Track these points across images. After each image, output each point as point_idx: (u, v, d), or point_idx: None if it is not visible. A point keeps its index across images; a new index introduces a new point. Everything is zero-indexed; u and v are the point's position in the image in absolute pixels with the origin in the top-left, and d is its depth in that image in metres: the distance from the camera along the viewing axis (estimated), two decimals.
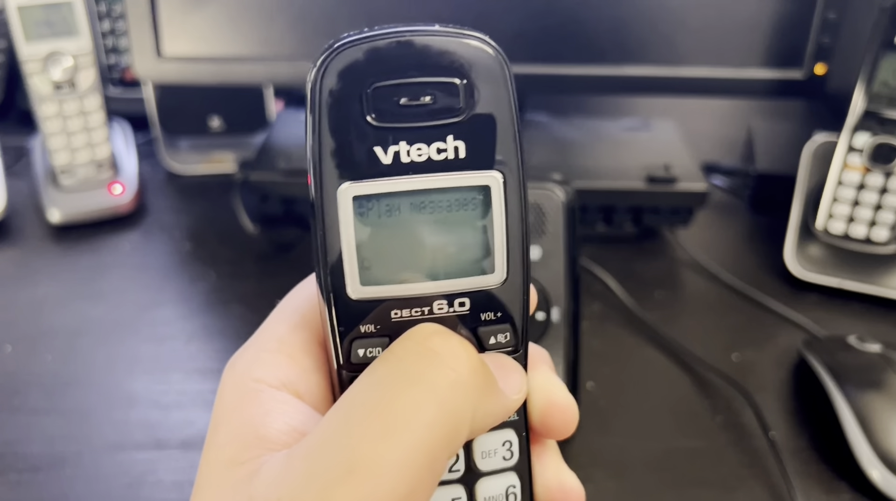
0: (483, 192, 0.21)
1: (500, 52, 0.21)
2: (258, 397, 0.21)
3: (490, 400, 0.21)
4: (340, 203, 0.21)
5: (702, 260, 0.64)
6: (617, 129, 0.74)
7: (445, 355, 0.20)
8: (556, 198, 0.44)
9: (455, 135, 0.21)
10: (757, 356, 0.54)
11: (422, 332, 0.21)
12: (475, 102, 0.21)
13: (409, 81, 0.20)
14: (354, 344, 0.22)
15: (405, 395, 0.19)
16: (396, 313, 0.22)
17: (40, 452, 0.45)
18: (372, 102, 0.20)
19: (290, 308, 0.24)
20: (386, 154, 0.20)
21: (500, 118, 0.21)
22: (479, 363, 0.21)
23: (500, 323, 0.22)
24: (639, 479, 0.44)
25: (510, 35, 0.63)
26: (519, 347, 0.23)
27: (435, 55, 0.20)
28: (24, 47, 0.62)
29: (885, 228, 0.58)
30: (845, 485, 0.44)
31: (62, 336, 0.54)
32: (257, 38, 0.64)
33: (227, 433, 0.21)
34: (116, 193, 0.68)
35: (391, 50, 0.20)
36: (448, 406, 0.19)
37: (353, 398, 0.20)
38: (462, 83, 0.20)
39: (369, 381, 0.20)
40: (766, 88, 0.65)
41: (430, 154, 0.21)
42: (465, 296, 0.22)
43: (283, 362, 0.22)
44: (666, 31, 0.63)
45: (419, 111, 0.20)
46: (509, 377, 0.22)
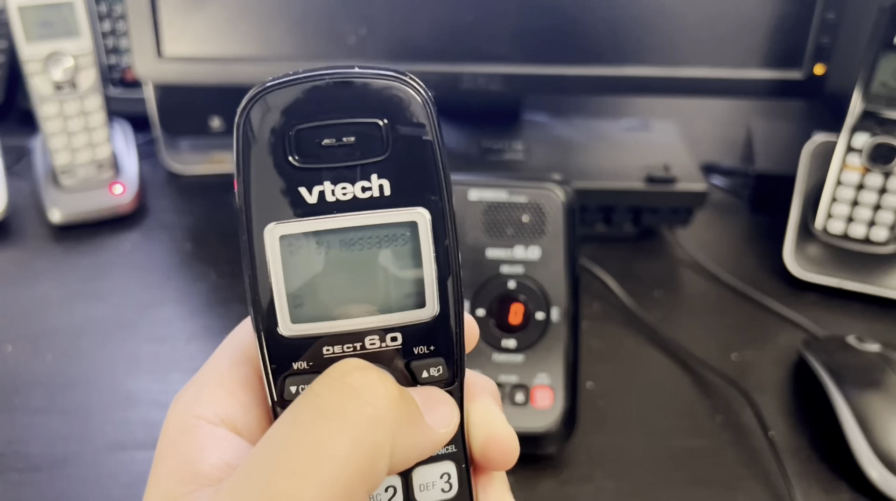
0: (410, 228, 0.21)
1: (422, 89, 0.21)
2: (196, 433, 0.22)
3: (412, 433, 0.21)
4: (268, 243, 0.21)
5: (701, 260, 0.64)
6: (617, 129, 0.74)
7: (362, 389, 0.21)
8: (556, 198, 0.45)
9: (379, 173, 0.21)
10: (756, 356, 0.54)
11: (341, 368, 0.21)
12: (398, 141, 0.21)
13: (330, 123, 0.21)
14: (287, 381, 0.22)
15: (321, 431, 0.20)
16: (328, 349, 0.22)
17: (41, 451, 0.45)
18: (295, 144, 0.21)
19: (233, 344, 0.24)
20: (311, 194, 0.21)
21: (424, 155, 0.21)
22: (399, 396, 0.21)
23: (432, 357, 0.23)
24: (638, 479, 0.44)
25: (510, 35, 0.63)
26: (454, 380, 0.23)
27: (355, 96, 0.21)
28: (24, 48, 0.62)
29: (884, 228, 0.58)
30: (844, 485, 0.44)
31: (63, 336, 0.54)
32: (257, 38, 0.64)
33: (165, 468, 0.22)
34: (117, 193, 0.68)
35: (312, 93, 0.21)
36: (364, 440, 0.20)
37: (273, 434, 0.20)
38: (384, 123, 0.21)
39: (289, 418, 0.20)
40: (765, 89, 0.65)
41: (356, 193, 0.21)
42: (397, 331, 0.22)
43: (223, 397, 0.23)
44: (665, 31, 0.63)
45: (342, 151, 0.21)
46: (437, 411, 0.22)
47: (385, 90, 0.21)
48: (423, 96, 0.21)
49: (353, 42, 0.64)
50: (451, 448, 0.23)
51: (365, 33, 0.63)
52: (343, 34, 0.63)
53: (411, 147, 0.21)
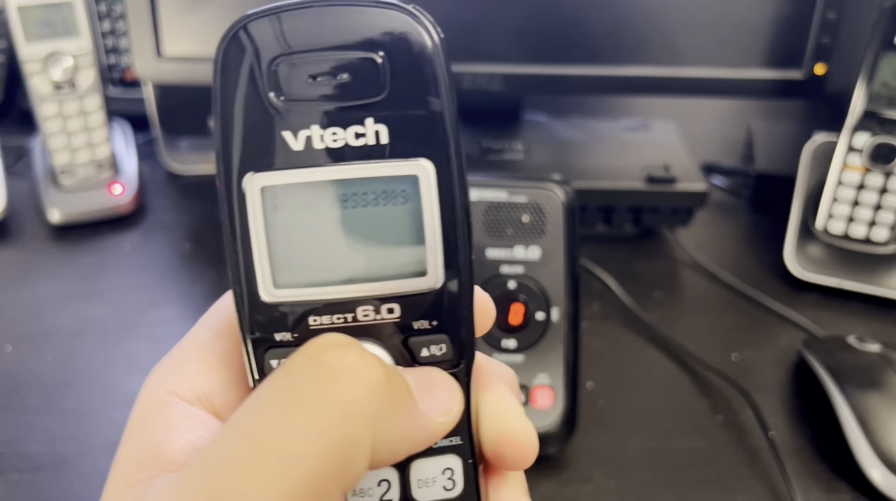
0: (410, 183, 0.19)
1: (429, 23, 0.18)
2: (166, 411, 0.20)
3: (400, 424, 0.18)
4: (248, 195, 0.19)
5: (701, 260, 0.64)
6: (617, 129, 0.74)
7: (339, 371, 0.17)
8: (556, 198, 0.45)
9: (375, 118, 0.18)
10: (756, 356, 0.54)
11: (317, 345, 0.18)
12: (398, 80, 0.18)
13: (317, 55, 0.18)
14: (269, 354, 0.20)
15: (287, 419, 0.17)
16: (315, 319, 0.19)
17: (41, 451, 0.45)
18: (277, 79, 0.18)
19: (216, 313, 0.21)
20: (296, 140, 0.18)
21: (427, 98, 0.18)
22: (385, 379, 0.18)
23: (434, 333, 0.20)
24: (638, 478, 0.44)
25: (510, 35, 0.63)
26: (459, 361, 0.20)
27: (351, 26, 0.18)
28: (24, 47, 0.62)
29: (885, 228, 0.58)
30: (845, 485, 0.44)
31: (62, 336, 0.54)
32: None
33: (128, 451, 0.20)
34: (116, 193, 0.68)
35: (298, 21, 0.18)
36: (337, 433, 0.17)
37: (235, 420, 0.17)
38: (381, 56, 0.18)
39: (254, 401, 0.17)
40: (765, 89, 0.65)
41: (348, 139, 0.18)
42: (395, 301, 0.19)
43: (200, 371, 0.20)
44: (666, 31, 0.63)
45: (333, 90, 0.18)
46: (434, 396, 0.19)
47: (385, 20, 0.18)
48: (429, 30, 0.18)
49: None
50: (454, 439, 0.21)
51: None
52: None
53: (414, 88, 0.18)
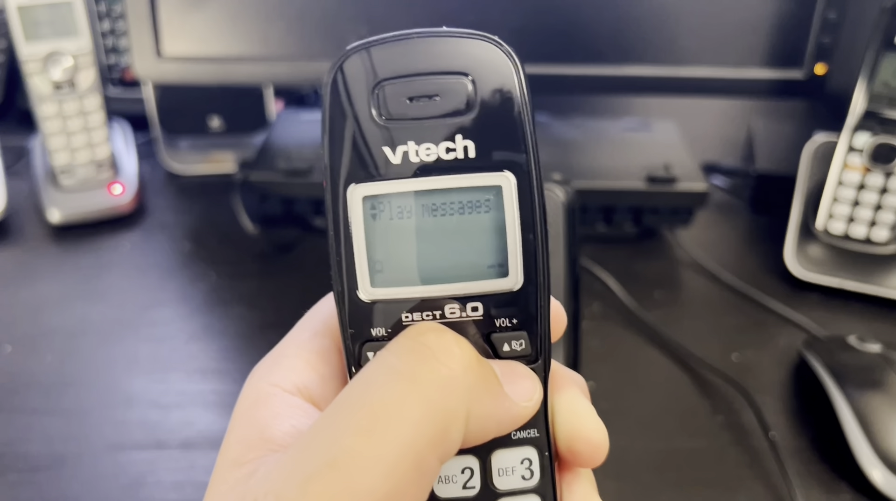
0: (495, 193, 0.21)
1: (510, 51, 0.21)
2: (270, 400, 0.22)
3: (490, 403, 0.20)
4: (351, 204, 0.21)
5: (702, 260, 0.64)
6: (617, 129, 0.74)
7: (437, 350, 0.20)
8: (556, 198, 0.44)
9: (464, 134, 0.21)
10: (757, 356, 0.54)
11: (417, 328, 0.21)
12: (484, 102, 0.21)
13: (415, 78, 0.20)
14: (365, 347, 0.22)
15: (391, 390, 0.19)
16: (407, 316, 0.21)
17: (40, 452, 0.45)
18: (380, 101, 0.20)
19: (314, 316, 0.24)
20: (395, 154, 0.21)
21: (511, 117, 0.21)
22: (477, 361, 0.20)
23: (515, 330, 0.22)
24: (639, 479, 0.44)
25: (510, 35, 0.63)
26: (537, 357, 0.22)
27: (442, 54, 0.21)
28: (23, 47, 0.62)
29: (885, 228, 0.58)
30: (845, 485, 0.44)
31: (62, 336, 0.54)
32: (257, 38, 0.64)
33: (236, 435, 0.22)
34: (116, 193, 0.68)
35: (399, 50, 0.21)
36: (436, 404, 0.19)
37: (344, 394, 0.20)
38: (470, 80, 0.20)
39: (360, 378, 0.20)
40: (766, 88, 0.65)
41: (440, 154, 0.21)
42: (478, 300, 0.21)
43: (301, 367, 0.23)
44: (666, 31, 0.63)
45: (427, 110, 0.20)
46: (518, 383, 0.21)
47: (473, 49, 0.20)
48: (512, 59, 0.21)
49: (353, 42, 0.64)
50: (532, 431, 0.22)
51: (365, 33, 0.63)
52: (343, 34, 0.63)
53: (498, 108, 0.21)
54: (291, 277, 0.61)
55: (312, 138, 0.71)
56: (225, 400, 0.49)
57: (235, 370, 0.52)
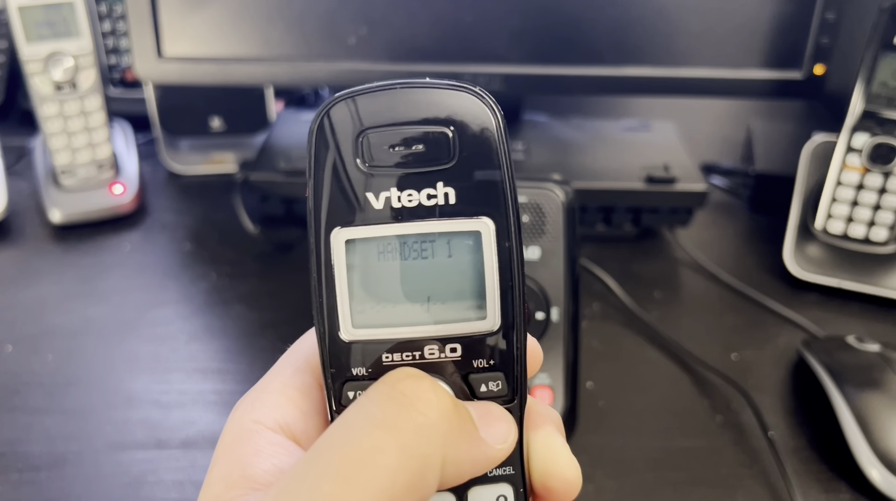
0: (473, 238, 0.21)
1: (491, 102, 0.21)
2: (253, 438, 0.22)
3: (466, 447, 0.21)
4: (334, 247, 0.21)
5: (701, 260, 0.64)
6: (616, 129, 0.74)
7: (414, 398, 0.20)
8: (556, 198, 0.45)
9: (445, 181, 0.21)
10: (756, 356, 0.54)
11: (394, 376, 0.21)
12: (465, 151, 0.21)
13: (399, 128, 0.21)
14: (346, 386, 0.22)
15: (369, 437, 0.19)
16: (387, 356, 0.22)
17: (41, 451, 0.45)
18: (364, 149, 0.21)
19: (296, 353, 0.24)
20: (377, 200, 0.21)
21: (490, 166, 0.21)
22: (453, 407, 0.21)
23: (492, 371, 0.22)
24: (638, 478, 0.44)
25: (510, 35, 0.63)
26: (513, 397, 0.23)
27: (425, 104, 0.21)
28: (25, 48, 0.62)
29: (884, 228, 0.58)
30: (844, 485, 0.44)
31: (63, 336, 0.54)
32: (258, 38, 0.64)
33: (219, 471, 0.22)
34: (117, 193, 0.68)
35: (383, 100, 0.21)
36: (412, 451, 0.19)
37: (323, 439, 0.20)
38: (452, 131, 0.21)
39: (340, 423, 0.20)
40: (765, 89, 0.65)
41: (421, 200, 0.21)
42: (457, 341, 0.22)
43: (283, 404, 0.23)
44: (665, 31, 0.63)
45: (409, 158, 0.21)
46: (493, 426, 0.22)
47: (455, 101, 0.21)
48: (492, 109, 0.21)
49: (354, 42, 0.64)
50: (508, 469, 0.23)
51: (365, 33, 0.63)
52: (343, 34, 0.64)
53: (478, 157, 0.21)
54: (292, 277, 0.61)
55: None
56: (225, 400, 0.49)
57: (236, 370, 0.52)
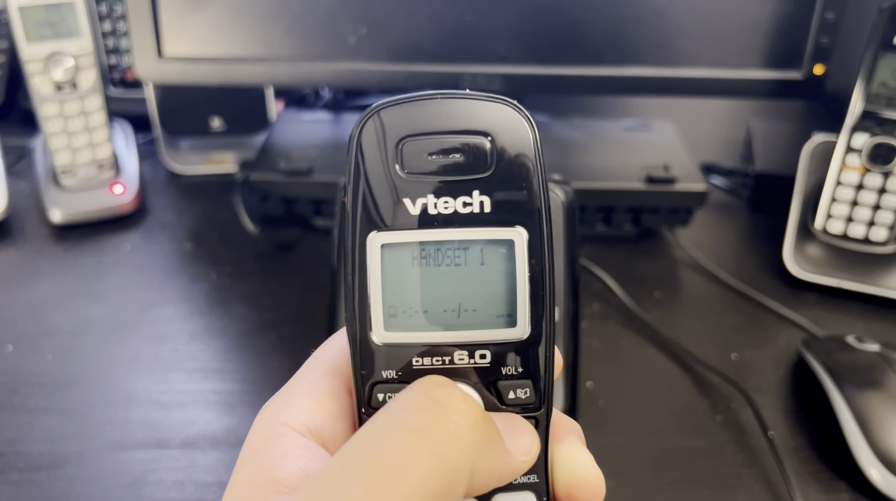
0: (507, 246, 0.22)
1: (528, 115, 0.22)
2: (280, 441, 0.22)
3: (493, 458, 0.21)
4: (369, 251, 0.22)
5: (701, 260, 0.64)
6: (616, 129, 0.74)
7: (447, 406, 0.20)
8: (556, 198, 0.45)
9: (481, 190, 0.21)
10: (756, 356, 0.54)
11: (427, 382, 0.21)
12: (502, 160, 0.21)
13: (437, 137, 0.21)
14: (375, 389, 0.22)
15: (401, 444, 0.19)
16: (418, 360, 0.22)
17: (41, 451, 0.45)
18: (402, 156, 0.21)
19: (323, 356, 0.24)
20: (414, 206, 0.21)
21: (525, 176, 0.22)
22: (483, 418, 0.21)
23: (520, 379, 0.23)
24: (638, 478, 0.44)
25: (510, 36, 0.63)
26: (540, 405, 0.23)
27: (464, 114, 0.21)
28: (25, 48, 0.62)
29: (884, 228, 0.58)
30: (844, 484, 0.44)
31: (63, 336, 0.54)
32: (258, 38, 0.64)
33: (245, 473, 0.22)
34: (117, 193, 0.68)
35: (423, 109, 0.22)
36: (444, 458, 0.19)
37: (353, 444, 0.20)
38: (489, 141, 0.21)
39: (370, 428, 0.20)
40: (765, 89, 0.65)
41: (457, 207, 0.21)
42: (486, 348, 0.22)
43: (311, 407, 0.23)
44: (665, 32, 0.63)
45: (447, 166, 0.21)
46: (518, 438, 0.22)
47: (493, 112, 0.21)
48: (529, 122, 0.22)
49: (354, 42, 0.64)
50: (532, 477, 0.23)
51: (365, 33, 0.64)
52: (343, 34, 0.64)
53: (514, 168, 0.21)
54: (292, 276, 0.61)
55: (313, 139, 0.71)
56: (226, 400, 0.49)
57: (236, 370, 0.52)
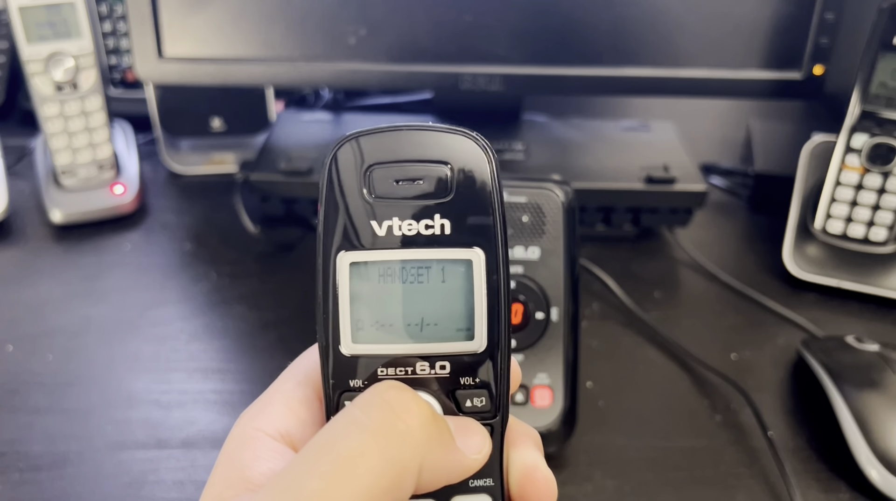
0: (465, 265, 0.23)
1: (486, 145, 0.23)
2: (253, 444, 0.24)
3: (442, 455, 0.22)
4: (339, 268, 0.23)
5: (700, 260, 0.64)
6: (616, 129, 0.74)
7: (397, 407, 0.22)
8: (556, 198, 0.45)
9: (442, 214, 0.23)
10: (755, 356, 0.54)
11: (381, 386, 0.23)
12: (461, 187, 0.23)
13: (402, 164, 0.23)
14: (343, 396, 0.24)
15: (355, 440, 0.21)
16: (382, 370, 0.24)
17: (42, 451, 0.45)
18: (370, 181, 0.23)
19: (297, 367, 0.26)
20: (380, 227, 0.23)
21: (483, 201, 0.23)
22: (432, 417, 0.22)
23: (477, 389, 0.24)
24: (637, 478, 0.45)
25: (510, 36, 0.64)
26: (496, 414, 0.24)
27: (427, 144, 0.23)
28: (25, 48, 0.62)
29: (883, 228, 0.58)
30: (843, 484, 0.44)
31: (63, 336, 0.54)
32: (258, 39, 0.64)
33: (220, 473, 0.24)
34: (118, 193, 0.68)
35: (390, 139, 0.23)
36: (392, 455, 0.21)
37: (313, 442, 0.22)
38: (450, 169, 0.23)
39: (329, 427, 0.22)
40: (764, 89, 0.65)
41: (420, 229, 0.23)
42: (446, 360, 0.24)
43: (284, 413, 0.25)
44: (665, 32, 0.63)
45: (411, 191, 0.23)
46: (469, 437, 0.23)
47: (453, 142, 0.23)
48: (487, 152, 0.23)
49: (354, 43, 0.64)
50: (487, 481, 0.24)
51: (365, 34, 0.64)
52: (343, 35, 0.64)
53: (472, 193, 0.23)
54: (292, 277, 0.62)
55: (313, 139, 0.71)
56: (226, 399, 0.49)
57: (236, 370, 0.52)
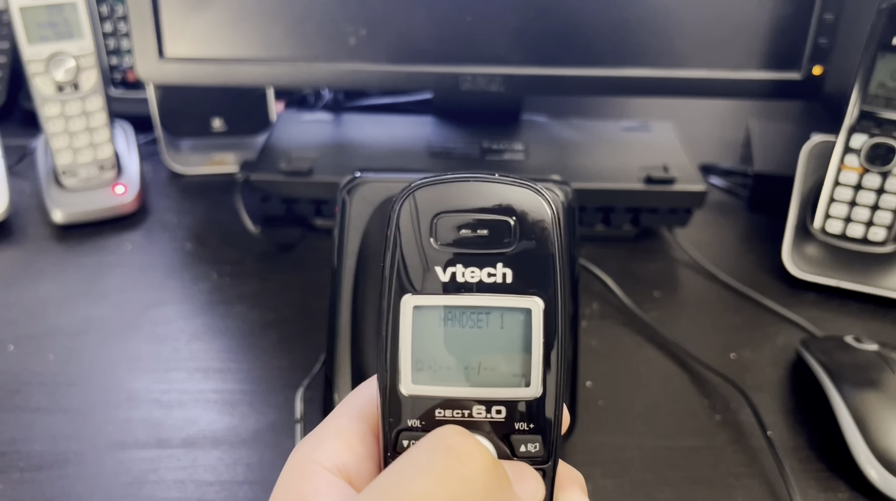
0: (525, 313, 0.24)
1: (549, 198, 0.24)
2: (312, 477, 0.24)
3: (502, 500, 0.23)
4: (403, 311, 0.24)
5: (700, 260, 0.64)
6: (616, 130, 0.74)
7: (461, 452, 0.22)
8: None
9: (504, 263, 0.24)
10: (755, 356, 0.54)
11: (445, 431, 0.24)
12: (524, 238, 0.24)
13: (468, 214, 0.24)
14: (401, 435, 0.25)
15: (420, 484, 0.21)
16: (440, 412, 0.25)
17: (42, 451, 0.45)
18: (436, 229, 0.24)
19: (353, 403, 0.27)
20: (444, 274, 0.24)
21: (545, 253, 0.24)
22: (493, 464, 0.23)
23: (531, 434, 0.25)
24: (637, 477, 0.45)
25: (510, 36, 0.64)
26: (548, 459, 0.25)
27: (492, 196, 0.24)
28: (26, 48, 0.62)
29: (882, 228, 0.59)
30: (843, 484, 0.44)
31: (64, 336, 0.55)
32: (259, 39, 0.64)
33: None
34: (119, 193, 0.68)
35: (457, 189, 0.24)
36: (457, 498, 0.21)
37: (378, 482, 0.22)
38: (513, 221, 0.24)
39: (394, 469, 0.22)
40: (764, 90, 0.65)
41: (482, 277, 0.24)
42: (502, 405, 0.25)
43: (340, 448, 0.25)
44: (665, 33, 0.64)
45: (475, 241, 0.24)
46: (525, 483, 0.24)
47: (518, 194, 0.24)
48: (550, 204, 0.24)
49: (354, 43, 0.64)
50: None
51: (365, 34, 0.64)
52: (343, 35, 0.64)
53: (534, 245, 0.24)
54: (292, 276, 0.62)
55: (313, 139, 0.71)
56: (226, 399, 0.49)
57: (237, 370, 0.52)
